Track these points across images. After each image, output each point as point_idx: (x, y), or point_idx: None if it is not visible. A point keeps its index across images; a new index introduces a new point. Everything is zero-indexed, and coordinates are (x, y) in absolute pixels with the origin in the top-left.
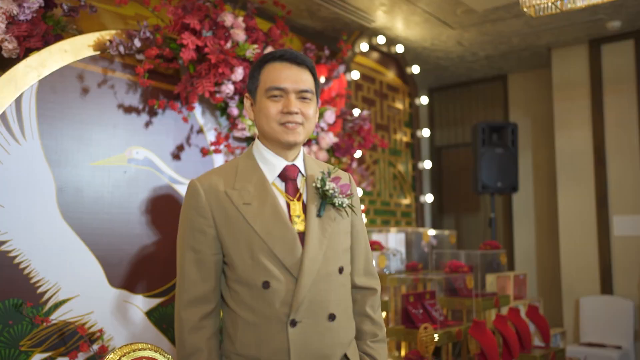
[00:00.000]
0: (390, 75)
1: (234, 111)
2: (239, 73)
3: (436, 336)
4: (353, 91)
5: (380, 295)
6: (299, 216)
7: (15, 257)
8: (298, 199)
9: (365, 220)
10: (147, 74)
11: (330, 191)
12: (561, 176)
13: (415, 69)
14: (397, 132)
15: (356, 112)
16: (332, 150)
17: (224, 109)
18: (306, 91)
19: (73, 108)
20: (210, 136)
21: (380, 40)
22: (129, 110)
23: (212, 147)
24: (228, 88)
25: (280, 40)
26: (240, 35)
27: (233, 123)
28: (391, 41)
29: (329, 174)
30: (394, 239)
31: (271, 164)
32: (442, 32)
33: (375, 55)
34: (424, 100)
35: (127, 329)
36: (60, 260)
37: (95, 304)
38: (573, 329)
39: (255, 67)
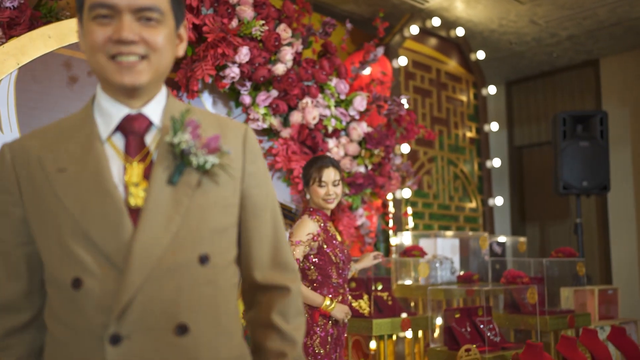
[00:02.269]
0: (452, 63)
1: (246, 99)
2: (243, 54)
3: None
4: (402, 79)
5: (419, 309)
6: (137, 184)
7: None
8: (142, 160)
9: (411, 224)
10: None
11: (183, 145)
12: None
13: (481, 55)
14: (459, 127)
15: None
16: (364, 142)
17: (237, 98)
18: (150, 9)
19: (58, 98)
20: None
21: (436, 22)
22: None
23: None
24: (233, 71)
25: (302, 19)
26: (247, 12)
27: (247, 113)
28: (450, 24)
29: (182, 119)
30: (446, 246)
31: (107, 113)
32: (509, 9)
33: (431, 40)
34: (491, 90)
35: None
36: None
37: None
38: None
39: None
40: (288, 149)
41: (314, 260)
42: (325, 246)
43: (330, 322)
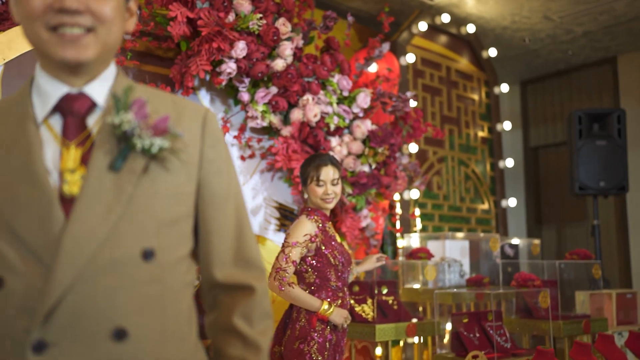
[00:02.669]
0: (462, 61)
1: (244, 96)
2: (240, 48)
3: None
4: (411, 77)
5: (427, 314)
6: (73, 170)
7: None
8: (81, 144)
9: (420, 225)
10: (130, 54)
11: (125, 126)
12: None
13: (492, 52)
14: (471, 126)
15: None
16: (369, 140)
17: (235, 95)
18: None
19: None
20: None
21: (445, 19)
22: None
23: None
24: (229, 67)
25: (304, 14)
26: (245, 5)
27: (245, 110)
28: (460, 21)
29: (125, 97)
30: (455, 248)
31: (44, 93)
32: (522, 4)
33: (441, 37)
34: (504, 88)
35: None
36: None
37: None
38: None
39: None
40: (288, 148)
41: (311, 262)
42: (323, 247)
43: (328, 327)
